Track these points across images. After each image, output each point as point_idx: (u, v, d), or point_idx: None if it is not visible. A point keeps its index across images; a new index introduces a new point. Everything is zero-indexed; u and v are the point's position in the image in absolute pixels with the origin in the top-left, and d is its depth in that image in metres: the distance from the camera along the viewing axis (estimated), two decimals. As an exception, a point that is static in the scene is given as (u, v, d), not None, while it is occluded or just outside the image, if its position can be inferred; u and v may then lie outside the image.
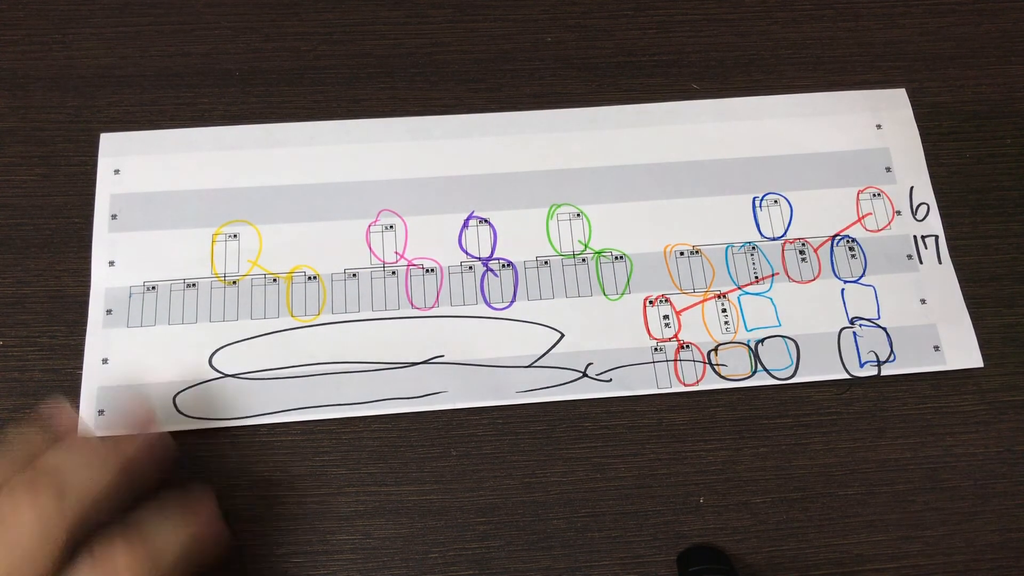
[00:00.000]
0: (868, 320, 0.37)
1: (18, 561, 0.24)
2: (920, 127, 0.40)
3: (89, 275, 0.36)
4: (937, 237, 0.38)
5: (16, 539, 0.25)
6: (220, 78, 0.40)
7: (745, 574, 0.33)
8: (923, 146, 0.40)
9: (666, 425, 0.35)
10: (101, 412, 0.34)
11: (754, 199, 0.39)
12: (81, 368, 0.35)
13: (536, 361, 0.36)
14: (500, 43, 0.41)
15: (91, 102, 0.39)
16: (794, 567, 0.34)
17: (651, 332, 0.36)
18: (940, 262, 0.38)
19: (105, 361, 0.35)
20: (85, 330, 0.35)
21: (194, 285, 0.37)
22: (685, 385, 0.36)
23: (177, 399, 0.35)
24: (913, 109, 0.41)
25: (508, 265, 0.37)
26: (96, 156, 0.38)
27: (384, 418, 0.35)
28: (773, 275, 0.38)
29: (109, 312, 0.36)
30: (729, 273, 0.38)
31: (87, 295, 0.36)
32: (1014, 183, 0.40)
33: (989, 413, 0.36)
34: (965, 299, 0.38)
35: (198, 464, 0.34)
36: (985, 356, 0.37)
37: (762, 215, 0.39)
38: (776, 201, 0.39)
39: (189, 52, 0.40)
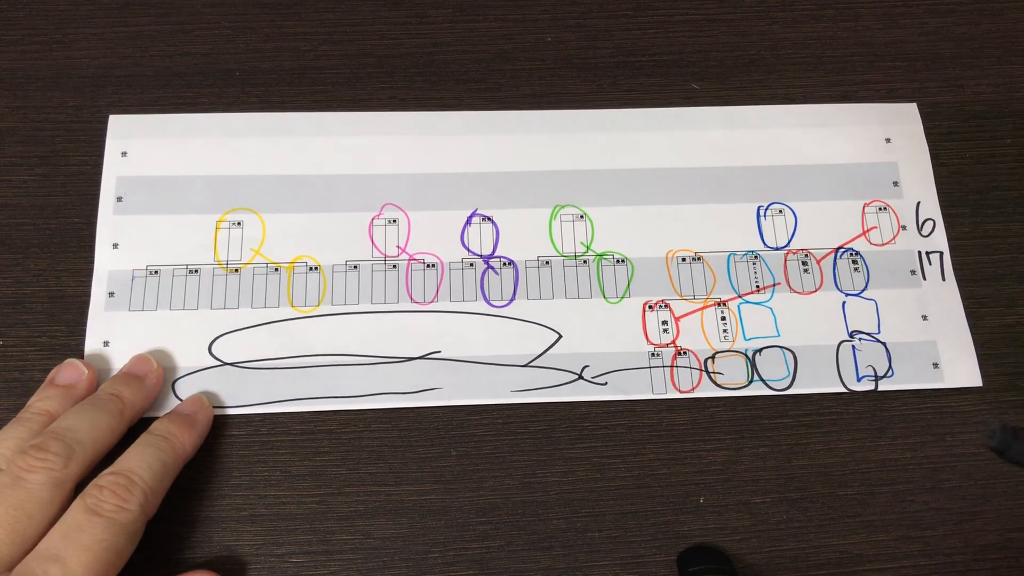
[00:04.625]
0: (868, 334, 0.37)
1: (30, 511, 0.28)
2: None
3: (90, 276, 0.36)
4: (942, 254, 0.38)
5: (28, 495, 0.28)
6: (220, 78, 0.40)
7: (745, 574, 0.34)
8: (932, 162, 0.40)
9: (666, 425, 0.35)
10: None
11: (759, 208, 0.39)
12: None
13: (533, 361, 0.36)
14: (500, 43, 0.41)
15: (91, 102, 0.39)
16: (794, 567, 0.34)
17: (649, 337, 0.36)
18: (944, 279, 0.38)
19: (106, 343, 0.35)
20: (85, 331, 0.35)
21: (196, 271, 0.37)
22: (681, 392, 0.36)
23: (176, 385, 0.35)
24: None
25: (509, 264, 0.37)
26: (97, 155, 0.38)
27: (384, 418, 0.35)
28: (774, 285, 0.38)
29: (111, 295, 0.36)
30: (730, 281, 0.38)
31: (87, 295, 0.36)
32: (1014, 183, 0.40)
33: (989, 413, 0.36)
34: (964, 299, 0.38)
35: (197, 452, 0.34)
36: (985, 356, 0.37)
37: (766, 224, 0.38)
38: (781, 211, 0.39)
39: (189, 52, 0.40)
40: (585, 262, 0.38)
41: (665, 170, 0.39)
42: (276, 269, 0.37)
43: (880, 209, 0.39)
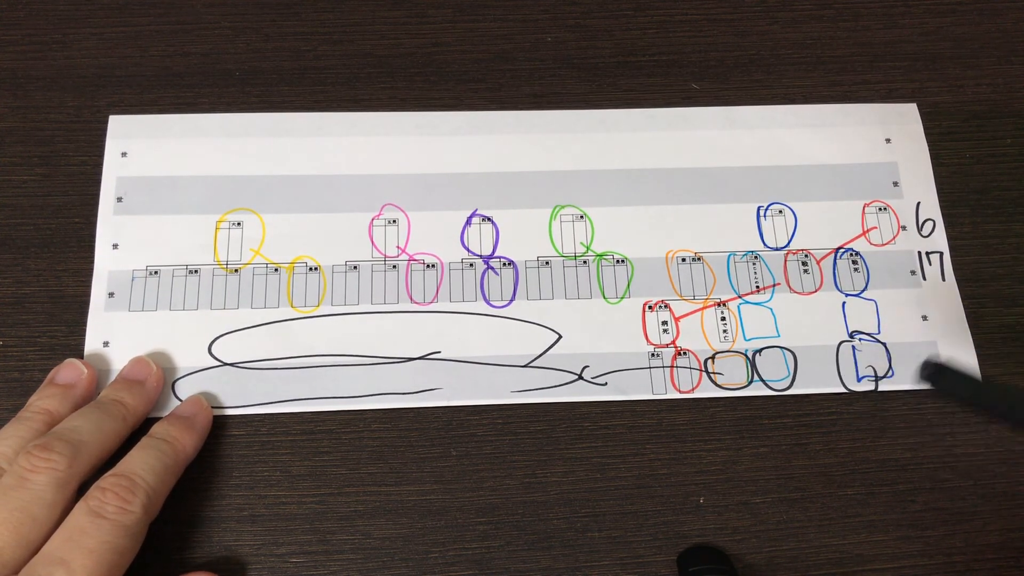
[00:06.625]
0: (868, 335, 0.37)
1: (34, 513, 0.28)
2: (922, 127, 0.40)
3: (90, 276, 0.36)
4: (942, 254, 0.38)
5: (33, 496, 0.28)
6: (220, 78, 0.40)
7: (745, 574, 0.34)
8: (932, 162, 0.40)
9: (666, 426, 0.35)
10: None
11: (759, 208, 0.39)
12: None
13: (532, 361, 0.36)
14: (500, 43, 0.41)
15: (91, 102, 0.39)
16: (794, 567, 0.34)
17: (649, 337, 0.36)
18: (944, 279, 0.38)
19: (106, 344, 0.35)
20: (85, 331, 0.35)
21: (196, 272, 0.37)
22: (681, 392, 0.36)
23: (176, 385, 0.35)
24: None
25: (509, 264, 0.37)
26: (97, 155, 0.38)
27: (384, 418, 0.35)
28: (774, 285, 0.37)
29: (111, 295, 0.36)
30: (730, 281, 0.37)
31: (87, 295, 0.36)
32: (1014, 183, 0.40)
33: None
34: (964, 299, 0.38)
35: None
36: (984, 356, 0.37)
37: (766, 224, 0.38)
38: (781, 211, 0.39)
39: (189, 52, 0.40)
40: (585, 262, 0.38)
41: (665, 170, 0.39)
42: (276, 269, 0.37)
43: (880, 209, 0.39)
